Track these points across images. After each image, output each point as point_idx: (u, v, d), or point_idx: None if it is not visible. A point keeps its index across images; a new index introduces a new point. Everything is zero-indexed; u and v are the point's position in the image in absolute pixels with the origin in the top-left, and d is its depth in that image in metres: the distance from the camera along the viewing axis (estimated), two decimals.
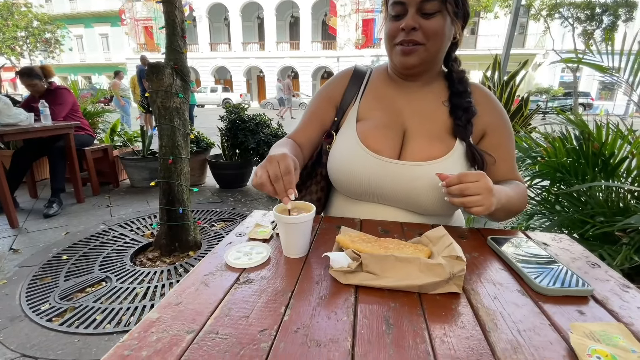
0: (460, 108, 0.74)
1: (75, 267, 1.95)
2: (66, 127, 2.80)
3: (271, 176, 0.56)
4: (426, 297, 0.47)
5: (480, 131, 0.77)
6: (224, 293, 0.47)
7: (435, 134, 0.75)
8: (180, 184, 2.07)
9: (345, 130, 0.80)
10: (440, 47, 0.72)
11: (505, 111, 0.79)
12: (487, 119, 0.76)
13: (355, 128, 0.78)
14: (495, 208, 0.61)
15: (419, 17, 0.68)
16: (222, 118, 3.37)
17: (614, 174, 1.24)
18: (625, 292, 0.50)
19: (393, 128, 0.77)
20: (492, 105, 0.77)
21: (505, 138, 0.77)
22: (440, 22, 0.68)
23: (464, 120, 0.73)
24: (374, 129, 0.77)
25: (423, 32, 0.68)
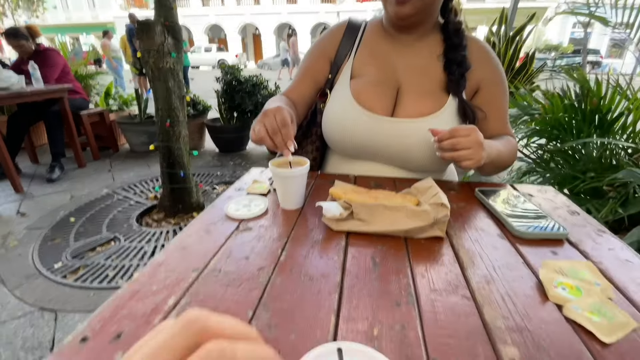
0: (454, 62, 0.73)
1: (84, 229, 2.02)
2: (60, 90, 2.75)
3: (269, 130, 0.57)
4: (412, 241, 0.51)
5: (474, 86, 0.77)
6: (225, 239, 0.51)
7: (428, 90, 0.75)
8: (179, 147, 2.08)
9: (339, 88, 0.80)
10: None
11: (501, 66, 0.78)
12: (481, 73, 0.76)
13: (349, 85, 0.78)
14: (485, 162, 0.63)
15: None
16: (218, 80, 3.29)
17: (609, 131, 1.24)
18: (600, 235, 0.54)
19: (387, 85, 0.77)
20: (488, 59, 0.76)
21: (499, 93, 0.77)
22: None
23: (457, 74, 0.73)
24: (368, 86, 0.77)
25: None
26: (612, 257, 0.48)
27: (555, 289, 0.40)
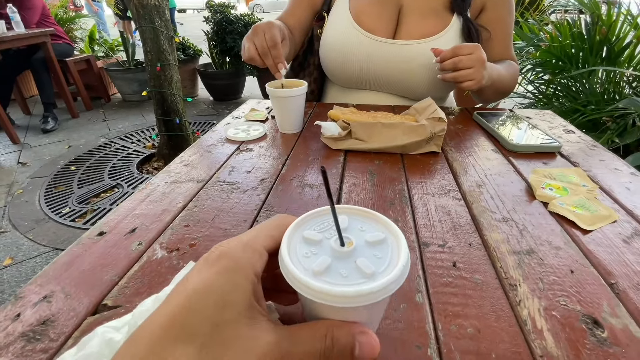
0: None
1: (86, 177, 2.05)
2: (42, 34, 2.59)
3: (259, 49, 0.56)
4: (407, 156, 0.52)
5: (479, 4, 0.73)
6: (226, 157, 0.52)
7: (431, 9, 0.71)
8: (172, 92, 2.02)
9: (338, 8, 0.76)
10: None
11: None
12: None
13: (347, 5, 0.74)
14: (487, 83, 0.62)
15: None
16: (207, 20, 3.08)
17: (616, 62, 1.21)
18: (592, 150, 0.55)
19: (388, 4, 0.73)
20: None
21: (504, 14, 0.74)
22: None
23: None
24: (368, 6, 0.73)
25: None
26: (603, 166, 0.50)
27: (543, 190, 0.42)
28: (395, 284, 0.16)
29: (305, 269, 0.17)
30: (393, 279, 0.16)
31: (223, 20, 2.96)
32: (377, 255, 0.19)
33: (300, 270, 0.17)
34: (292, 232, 0.20)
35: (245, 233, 0.19)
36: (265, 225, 0.20)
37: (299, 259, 0.18)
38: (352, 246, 0.19)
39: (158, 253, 0.32)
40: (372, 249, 0.19)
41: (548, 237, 0.35)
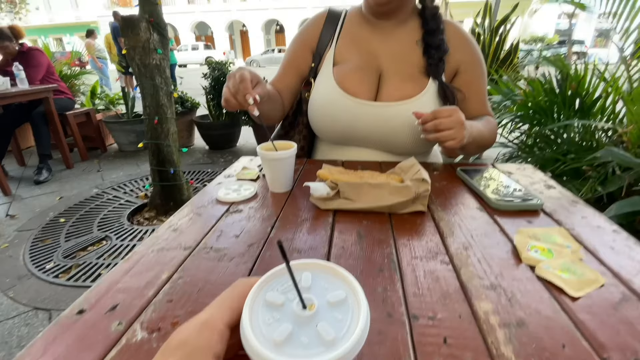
0: (432, 47, 0.76)
1: (74, 229, 2.00)
2: (44, 90, 2.71)
3: (231, 90, 0.59)
4: (395, 216, 0.53)
5: (453, 68, 0.79)
6: (216, 220, 0.52)
7: (409, 74, 0.77)
8: (168, 144, 2.07)
9: (323, 75, 0.82)
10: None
11: (478, 47, 0.80)
12: (459, 56, 0.78)
13: (332, 72, 0.80)
14: (468, 141, 0.66)
15: None
16: (206, 76, 3.27)
17: (589, 114, 1.29)
18: (573, 206, 0.57)
19: (369, 70, 0.79)
20: (465, 42, 0.79)
21: (477, 75, 0.80)
22: None
23: (436, 58, 0.75)
24: (351, 72, 0.79)
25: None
26: (585, 223, 0.51)
27: (528, 252, 0.43)
28: (352, 353, 0.17)
29: (266, 339, 0.18)
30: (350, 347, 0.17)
31: (221, 76, 3.14)
32: (337, 317, 0.19)
33: (261, 341, 0.17)
34: (255, 296, 0.20)
35: (205, 309, 0.20)
36: (226, 296, 0.21)
37: (260, 327, 0.18)
38: (313, 309, 0.19)
39: (138, 334, 0.31)
40: (333, 310, 0.19)
41: (537, 305, 0.34)
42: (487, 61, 2.71)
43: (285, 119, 0.94)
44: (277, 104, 0.82)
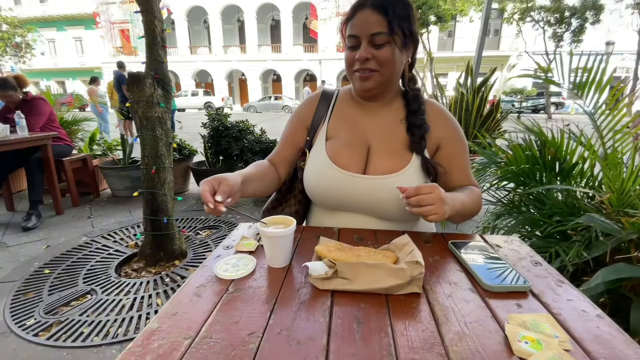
0: (415, 125, 0.84)
1: (59, 281, 1.93)
2: (43, 138, 2.76)
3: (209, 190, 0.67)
4: (392, 298, 0.55)
5: (435, 144, 0.87)
6: (215, 303, 0.53)
7: (394, 150, 0.84)
8: (164, 193, 2.09)
9: (316, 149, 0.89)
10: (392, 72, 0.81)
11: (457, 124, 0.89)
12: (440, 133, 0.86)
13: (324, 147, 0.87)
14: (451, 214, 0.71)
15: (371, 48, 0.77)
16: (205, 125, 3.39)
17: (569, 177, 1.37)
18: (559, 286, 0.59)
19: (358, 145, 0.86)
20: (445, 119, 0.87)
21: (458, 149, 0.87)
22: (390, 52, 0.77)
23: (418, 136, 0.83)
24: (341, 147, 0.86)
25: (376, 61, 0.78)
26: (570, 308, 0.53)
27: (519, 343, 0.44)
28: None
29: None
30: None
31: (220, 126, 3.26)
32: None
33: None
34: None
35: None
36: None
37: None
38: None
39: None
40: None
41: None
42: (471, 118, 2.89)
43: (282, 184, 0.99)
44: (269, 178, 0.90)
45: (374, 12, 0.76)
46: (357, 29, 0.78)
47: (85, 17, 23.24)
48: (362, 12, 0.77)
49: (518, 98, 17.45)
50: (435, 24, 11.52)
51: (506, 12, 14.42)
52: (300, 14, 22.86)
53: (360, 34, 0.77)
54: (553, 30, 13.85)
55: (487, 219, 1.59)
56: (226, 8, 22.74)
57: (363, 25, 0.77)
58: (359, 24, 0.77)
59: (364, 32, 0.77)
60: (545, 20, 13.81)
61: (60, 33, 24.94)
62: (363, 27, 0.77)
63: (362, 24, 0.77)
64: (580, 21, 13.36)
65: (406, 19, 0.77)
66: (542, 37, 14.31)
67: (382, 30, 0.75)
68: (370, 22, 0.76)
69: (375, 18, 0.76)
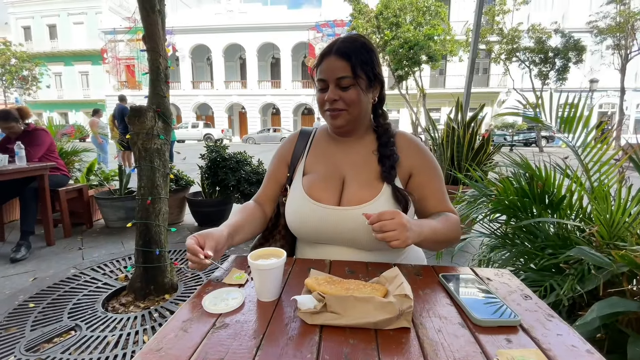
0: (385, 156, 0.88)
1: (43, 316, 1.86)
2: (41, 168, 2.78)
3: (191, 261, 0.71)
4: (381, 333, 0.54)
5: (407, 173, 0.90)
6: (201, 338, 0.52)
7: (366, 181, 0.88)
8: (158, 224, 2.08)
9: (294, 184, 0.93)
10: (360, 111, 0.87)
11: (429, 152, 0.93)
12: (411, 161, 0.90)
13: (301, 182, 0.92)
14: (417, 240, 0.73)
15: (338, 90, 0.84)
16: (203, 157, 3.44)
17: (559, 209, 1.39)
18: (549, 321, 0.59)
19: (332, 178, 0.90)
20: (415, 149, 0.91)
21: (430, 176, 0.90)
22: (355, 93, 0.84)
23: (388, 167, 0.87)
24: (317, 181, 0.90)
25: (343, 101, 0.84)
26: (560, 343, 0.53)
27: None
28: None
29: None
30: None
31: (217, 157, 3.31)
32: None
33: None
34: None
35: None
36: None
37: None
38: None
39: None
40: None
41: None
42: (463, 151, 2.97)
43: (269, 221, 1.03)
44: (256, 221, 0.94)
45: (338, 58, 0.83)
46: (324, 73, 0.85)
47: (93, 53, 24.26)
48: (328, 59, 0.84)
49: (509, 132, 17.97)
50: (427, 62, 12.12)
51: (493, 52, 15.25)
52: (299, 52, 24.05)
53: (328, 78, 0.84)
54: (538, 69, 14.59)
55: (482, 251, 1.59)
56: (229, 47, 23.91)
57: (329, 70, 0.84)
58: (325, 69, 0.84)
59: (330, 76, 0.84)
60: (530, 60, 14.60)
61: (67, 67, 25.88)
62: (329, 72, 0.84)
63: (328, 69, 0.84)
64: (563, 61, 14.13)
65: (368, 63, 0.85)
66: (528, 75, 15.04)
67: (347, 75, 0.83)
68: (335, 67, 0.83)
69: (339, 64, 0.83)
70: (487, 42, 14.96)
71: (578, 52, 13.92)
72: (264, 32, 23.05)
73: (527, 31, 14.33)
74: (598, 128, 1.41)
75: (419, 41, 11.35)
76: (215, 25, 23.13)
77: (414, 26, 11.61)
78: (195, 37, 23.61)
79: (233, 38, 23.39)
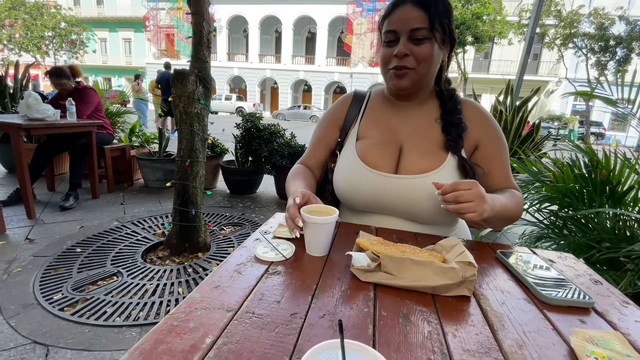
0: (451, 125, 0.80)
1: (89, 260, 2.01)
2: (90, 125, 2.93)
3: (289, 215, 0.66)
4: (439, 298, 0.52)
5: (473, 144, 0.83)
6: (256, 281, 0.52)
7: (428, 149, 0.81)
8: (195, 186, 2.14)
9: (347, 149, 0.88)
10: (429, 70, 0.79)
11: (497, 124, 0.84)
12: (478, 132, 0.82)
13: (355, 147, 0.85)
14: (490, 215, 0.66)
15: (410, 43, 0.75)
16: (238, 126, 3.47)
17: (620, 202, 1.27)
18: (625, 307, 0.54)
19: (389, 145, 0.84)
20: (483, 119, 0.83)
21: (497, 149, 0.83)
22: (429, 48, 0.75)
23: (455, 136, 0.79)
24: (372, 147, 0.84)
25: (414, 57, 0.76)
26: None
27: (588, 358, 0.40)
28: None
29: None
30: None
31: (252, 127, 3.33)
32: None
33: None
34: None
35: None
36: None
37: None
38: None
39: None
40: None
41: None
42: (509, 138, 2.79)
43: None
44: (314, 185, 0.90)
45: (415, 7, 0.75)
46: (396, 24, 0.76)
47: (136, 20, 24.85)
48: (403, 8, 0.76)
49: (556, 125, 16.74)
50: (472, 44, 11.37)
51: (547, 36, 14.01)
52: (336, 27, 23.32)
53: (400, 29, 0.76)
54: (597, 58, 13.30)
55: (525, 240, 1.50)
56: (265, 19, 23.60)
57: (403, 21, 0.75)
58: (398, 19, 0.76)
59: (403, 27, 0.75)
60: (588, 48, 13.30)
61: (112, 34, 26.79)
62: (403, 23, 0.75)
63: (402, 20, 0.75)
64: (626, 51, 12.76)
65: (447, 16, 0.76)
66: (584, 64, 13.76)
67: (423, 26, 0.74)
68: (410, 17, 0.75)
69: (416, 14, 0.74)
70: (542, 25, 13.73)
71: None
72: (302, 4, 22.44)
73: (588, 15, 12.97)
74: None
75: (466, 20, 10.62)
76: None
77: (462, 3, 10.83)
78: (233, 7, 23.46)
79: (270, 10, 23.01)
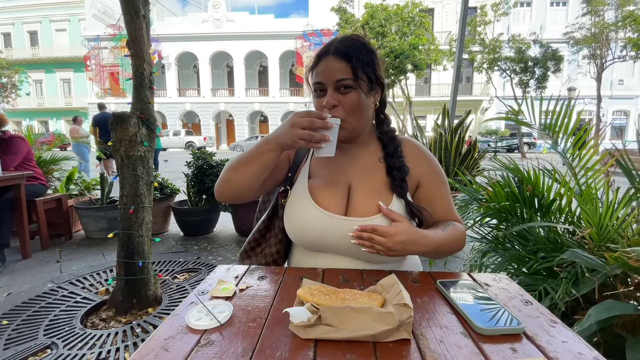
0: (394, 168, 0.83)
1: (17, 333, 1.74)
2: (17, 177, 2.65)
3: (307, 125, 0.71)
4: (380, 346, 0.51)
5: (415, 182, 0.87)
6: (184, 357, 0.47)
7: (374, 190, 0.83)
8: (141, 234, 1.99)
9: (298, 187, 0.87)
10: (361, 117, 0.81)
11: (436, 160, 0.89)
12: (419, 170, 0.86)
13: (307, 185, 0.85)
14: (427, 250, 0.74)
15: (337, 93, 0.78)
16: (189, 164, 3.36)
17: (549, 213, 1.39)
18: (552, 327, 0.57)
19: (339, 185, 0.85)
20: (422, 156, 0.88)
21: (438, 185, 0.87)
22: (356, 97, 0.77)
23: (399, 180, 0.82)
24: (323, 187, 0.84)
25: (342, 107, 0.78)
26: (566, 350, 0.50)
27: None
28: None
29: None
30: None
31: (204, 164, 3.24)
32: None
33: None
34: None
35: None
36: None
37: None
38: None
39: None
40: None
41: None
42: (451, 157, 2.99)
43: (262, 223, 0.96)
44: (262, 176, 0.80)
45: (338, 59, 0.76)
46: (322, 76, 0.78)
47: (75, 60, 23.72)
48: (326, 60, 0.78)
49: (493, 138, 18.42)
50: (412, 71, 12.36)
51: (476, 61, 15.68)
52: (287, 61, 24.15)
53: (326, 81, 0.78)
54: (519, 77, 15.07)
55: (474, 256, 1.57)
56: (216, 54, 23.80)
57: (328, 72, 0.77)
58: (324, 71, 0.78)
59: (329, 78, 0.77)
60: (511, 69, 15.07)
61: (48, 75, 25.21)
62: (328, 74, 0.77)
63: (326, 71, 0.77)
64: (542, 70, 14.63)
65: (370, 64, 0.79)
66: (509, 84, 15.51)
67: (347, 77, 0.76)
68: (334, 69, 0.76)
69: (339, 65, 0.76)
70: (470, 52, 15.39)
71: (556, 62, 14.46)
72: (252, 40, 23.06)
73: (507, 41, 14.81)
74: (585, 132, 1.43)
75: (404, 50, 11.58)
76: (202, 33, 23.00)
77: (399, 36, 11.85)
78: (182, 44, 23.41)
79: (220, 46, 23.31)
